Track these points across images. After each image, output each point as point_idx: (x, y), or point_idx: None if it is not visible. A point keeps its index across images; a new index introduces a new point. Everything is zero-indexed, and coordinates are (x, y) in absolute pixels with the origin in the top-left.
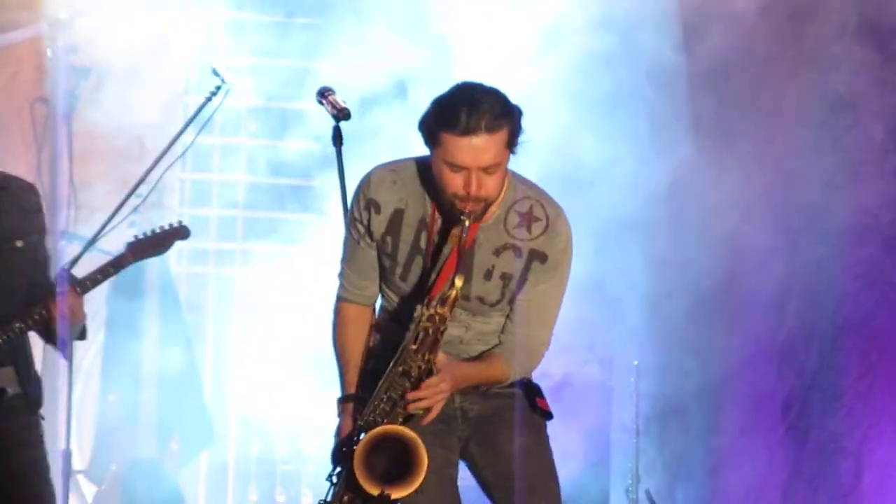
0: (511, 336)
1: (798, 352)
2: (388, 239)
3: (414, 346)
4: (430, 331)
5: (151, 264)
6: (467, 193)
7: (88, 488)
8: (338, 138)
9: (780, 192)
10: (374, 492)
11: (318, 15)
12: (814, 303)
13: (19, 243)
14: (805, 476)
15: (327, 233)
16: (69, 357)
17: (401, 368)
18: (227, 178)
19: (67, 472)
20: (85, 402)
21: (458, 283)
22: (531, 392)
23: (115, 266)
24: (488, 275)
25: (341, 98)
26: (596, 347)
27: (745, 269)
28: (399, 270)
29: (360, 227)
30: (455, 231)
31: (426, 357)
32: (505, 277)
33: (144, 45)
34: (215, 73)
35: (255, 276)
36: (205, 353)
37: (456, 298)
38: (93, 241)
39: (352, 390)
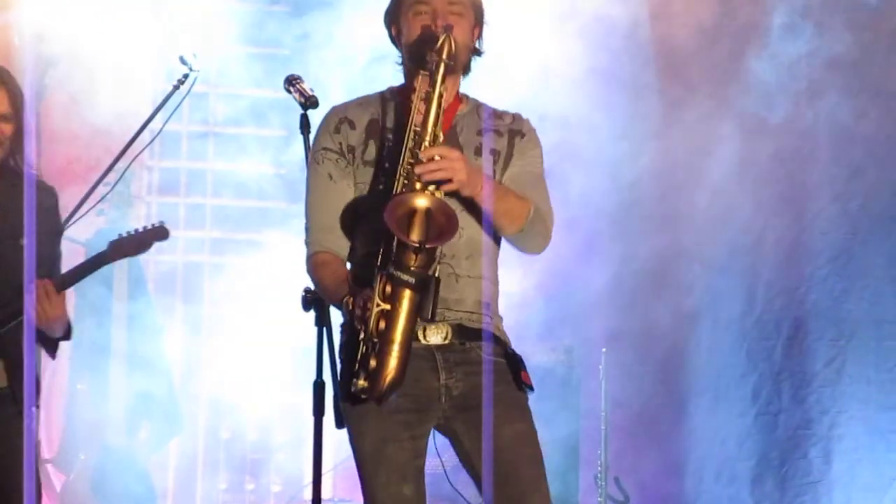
0: None
1: (767, 338)
2: (371, 142)
3: (417, 126)
4: (427, 100)
5: None
6: (436, 26)
7: (57, 477)
8: (306, 126)
9: (749, 179)
10: (414, 240)
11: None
12: (782, 289)
13: (24, 241)
14: (775, 462)
15: (297, 221)
16: (52, 355)
17: (411, 143)
18: (196, 167)
19: (37, 462)
20: (53, 391)
21: (446, 42)
22: (515, 364)
23: (95, 263)
24: (478, 151)
25: (309, 86)
26: (562, 335)
27: (713, 255)
28: (388, 167)
29: (331, 153)
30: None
31: (434, 129)
32: (494, 153)
33: (113, 33)
34: (183, 60)
35: (225, 264)
36: (174, 341)
37: (449, 55)
38: (61, 231)
39: (347, 288)
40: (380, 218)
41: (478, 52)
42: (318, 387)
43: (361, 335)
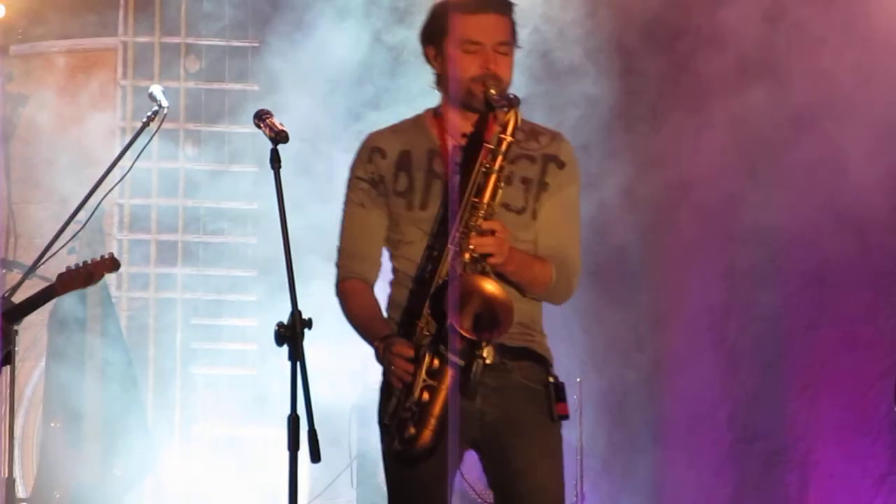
0: (545, 251)
1: (742, 364)
2: (401, 175)
3: (474, 196)
4: (487, 174)
5: (92, 289)
6: (486, 70)
7: None
8: (276, 161)
9: (719, 201)
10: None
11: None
12: (756, 314)
13: None
14: (751, 489)
15: (269, 255)
16: None
17: (468, 215)
18: (167, 203)
19: (11, 501)
20: (28, 430)
21: (512, 117)
22: (552, 393)
23: (43, 298)
24: (508, 180)
25: (278, 120)
26: None
27: (687, 281)
28: (417, 200)
29: (363, 184)
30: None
31: (491, 203)
32: (525, 182)
33: (82, 71)
34: (152, 97)
35: (197, 299)
36: (147, 377)
37: (510, 142)
38: (33, 269)
39: (388, 330)
40: (415, 253)
41: (518, 45)
42: (293, 421)
43: (401, 397)
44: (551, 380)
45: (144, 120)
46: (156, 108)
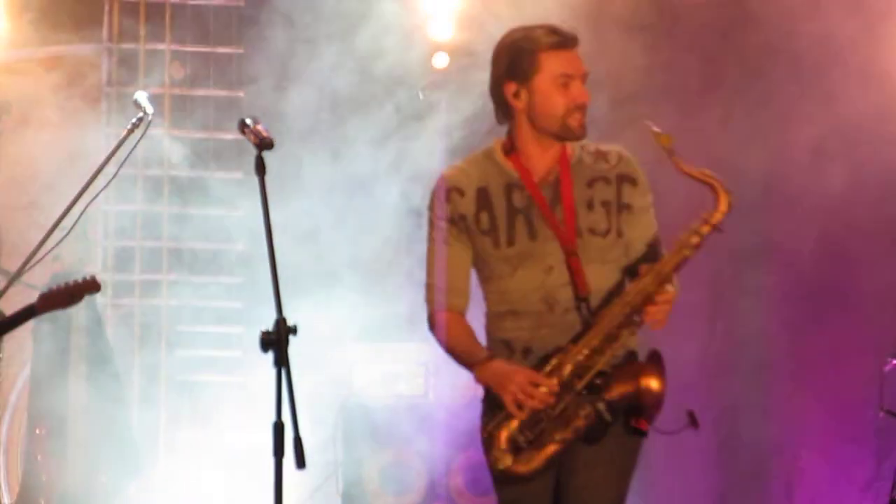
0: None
1: (727, 371)
2: (483, 215)
3: (669, 268)
4: (687, 255)
5: None
6: (583, 101)
7: None
8: (261, 168)
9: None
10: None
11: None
12: (742, 321)
13: None
14: (736, 496)
15: (253, 262)
16: None
17: (650, 288)
18: (152, 210)
19: None
20: (12, 436)
21: (724, 204)
22: (630, 407)
23: (23, 317)
24: (590, 205)
25: (264, 127)
26: None
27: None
28: (504, 238)
29: (444, 223)
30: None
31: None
32: (606, 205)
33: (66, 77)
34: (137, 103)
35: (181, 306)
36: (132, 384)
37: (720, 220)
38: (18, 276)
39: (486, 352)
40: (506, 287)
41: None
42: (278, 427)
43: (523, 423)
44: None
45: (129, 126)
46: (140, 114)
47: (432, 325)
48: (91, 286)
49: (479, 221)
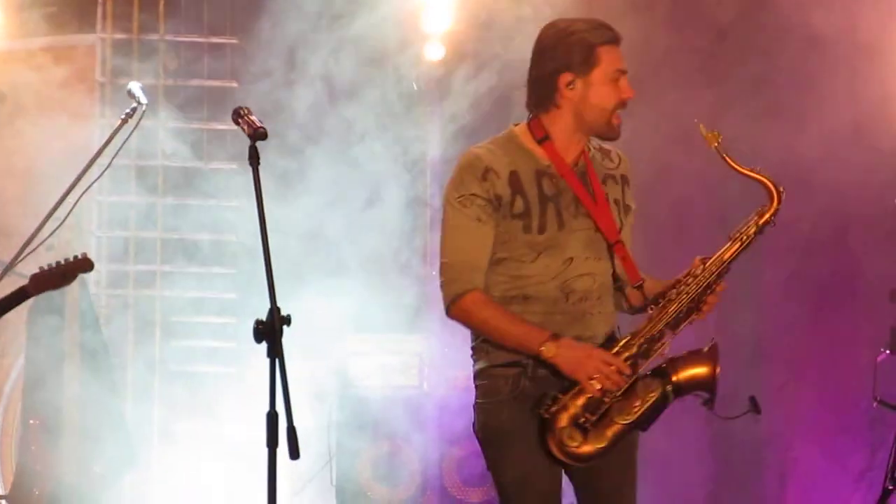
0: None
1: (722, 361)
2: (517, 198)
3: (727, 260)
4: (742, 248)
5: (70, 287)
6: (631, 96)
7: None
8: (254, 158)
9: (700, 198)
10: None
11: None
12: (735, 312)
13: None
14: (730, 486)
15: (248, 252)
16: None
17: (712, 279)
18: (146, 200)
19: None
20: (6, 427)
21: (776, 199)
22: None
23: (16, 299)
24: (606, 200)
25: (257, 118)
26: None
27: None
28: (535, 224)
29: (480, 200)
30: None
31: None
32: (616, 203)
33: (60, 68)
34: (131, 94)
35: (175, 297)
36: (126, 375)
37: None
38: (11, 266)
39: (547, 330)
40: (526, 269)
41: None
42: (272, 418)
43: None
44: None
45: (123, 117)
46: (134, 104)
47: (464, 305)
48: (83, 265)
49: (514, 204)
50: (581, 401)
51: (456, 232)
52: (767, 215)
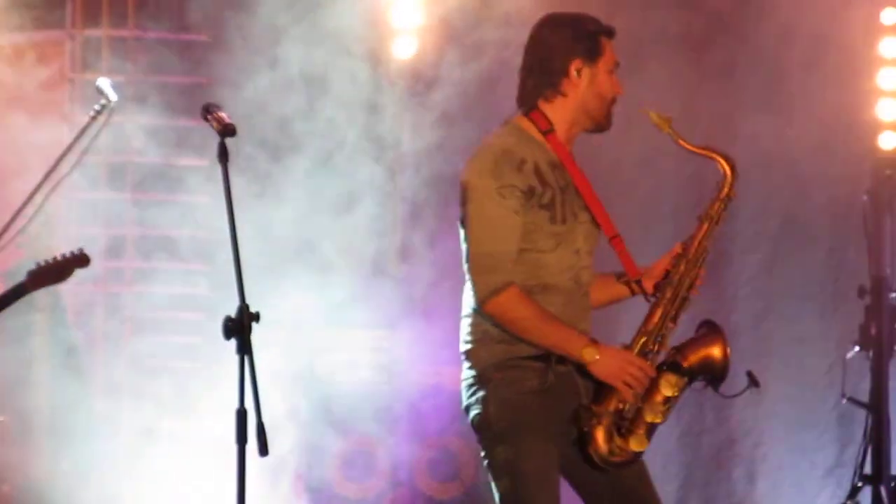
0: None
1: None
2: (543, 189)
3: (705, 244)
4: (717, 220)
5: None
6: (621, 92)
7: None
8: (223, 154)
9: (668, 199)
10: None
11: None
12: (703, 308)
13: None
14: (698, 483)
15: (217, 249)
16: None
17: (695, 265)
18: (116, 196)
19: None
20: None
21: (730, 173)
22: None
23: (13, 295)
24: None
25: (227, 114)
26: None
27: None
28: (559, 214)
29: (517, 191)
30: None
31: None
32: None
33: (29, 64)
34: (100, 90)
35: (145, 294)
36: (95, 373)
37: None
38: None
39: (582, 334)
40: (546, 262)
41: None
42: (241, 414)
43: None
44: None
45: (92, 114)
46: (104, 101)
47: (503, 299)
48: (80, 260)
49: (544, 195)
50: (612, 406)
51: (495, 222)
52: (726, 189)
